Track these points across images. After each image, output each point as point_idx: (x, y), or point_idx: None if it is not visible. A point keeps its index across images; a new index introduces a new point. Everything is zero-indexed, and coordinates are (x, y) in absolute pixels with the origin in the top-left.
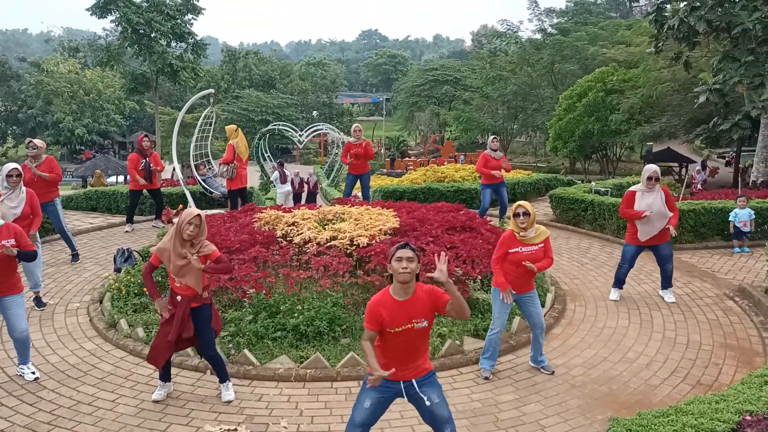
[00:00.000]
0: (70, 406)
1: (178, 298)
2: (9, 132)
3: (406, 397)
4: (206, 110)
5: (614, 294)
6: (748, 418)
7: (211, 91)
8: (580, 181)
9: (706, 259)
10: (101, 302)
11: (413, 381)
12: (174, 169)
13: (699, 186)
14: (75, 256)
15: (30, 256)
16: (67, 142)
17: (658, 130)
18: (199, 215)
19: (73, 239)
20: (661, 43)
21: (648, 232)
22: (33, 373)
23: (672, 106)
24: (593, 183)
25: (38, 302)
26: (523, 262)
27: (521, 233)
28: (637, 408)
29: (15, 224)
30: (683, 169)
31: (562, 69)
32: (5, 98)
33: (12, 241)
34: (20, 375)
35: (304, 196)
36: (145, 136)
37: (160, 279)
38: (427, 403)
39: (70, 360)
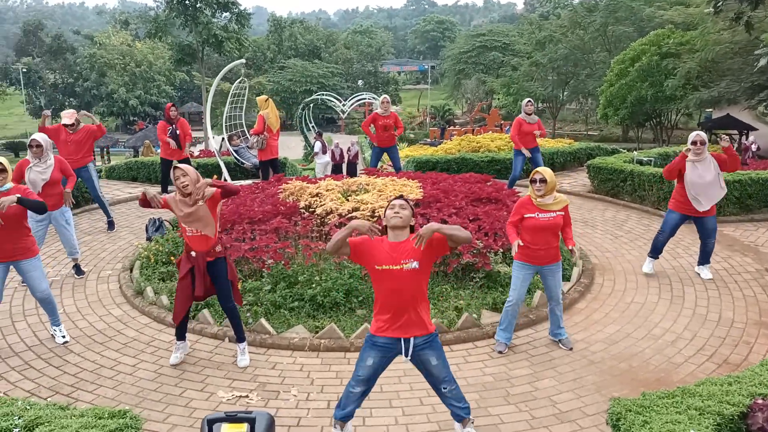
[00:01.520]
0: (93, 369)
1: (193, 253)
2: (66, 104)
3: (405, 356)
4: (236, 82)
5: (648, 266)
6: (760, 401)
7: (243, 61)
8: (625, 150)
9: (750, 232)
10: (131, 270)
11: (412, 340)
12: (223, 139)
13: (751, 155)
14: (111, 224)
15: (36, 206)
16: (121, 113)
17: (717, 95)
18: (177, 167)
19: (109, 207)
20: (720, 3)
21: (704, 204)
22: (63, 336)
23: (732, 70)
24: (635, 152)
25: (77, 270)
26: (569, 247)
27: (538, 199)
28: (657, 386)
29: (23, 186)
30: (743, 137)
31: (616, 31)
32: (62, 71)
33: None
34: (52, 336)
35: (344, 166)
36: (172, 105)
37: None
38: (434, 362)
39: (98, 325)
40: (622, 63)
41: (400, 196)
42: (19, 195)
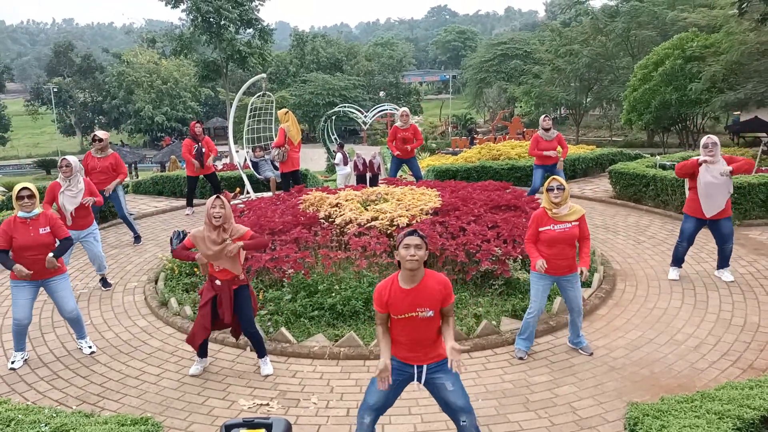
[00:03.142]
0: (118, 379)
1: (218, 282)
2: (96, 121)
3: (418, 380)
4: (255, 96)
5: (673, 273)
6: None
7: (263, 76)
8: (648, 155)
9: None
10: (156, 282)
11: (425, 367)
12: (247, 153)
13: None
14: (137, 239)
15: (65, 248)
16: (148, 130)
17: (743, 97)
18: (218, 197)
19: (135, 223)
20: (745, 4)
21: (713, 207)
22: (90, 347)
23: (759, 71)
24: (658, 157)
25: (104, 283)
26: (579, 267)
27: (554, 209)
28: (679, 392)
29: (52, 213)
30: None
31: (639, 36)
32: (91, 90)
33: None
34: (79, 348)
35: (368, 177)
36: (198, 122)
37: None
38: (450, 387)
39: (123, 336)
40: (646, 68)
41: (414, 232)
42: (55, 254)
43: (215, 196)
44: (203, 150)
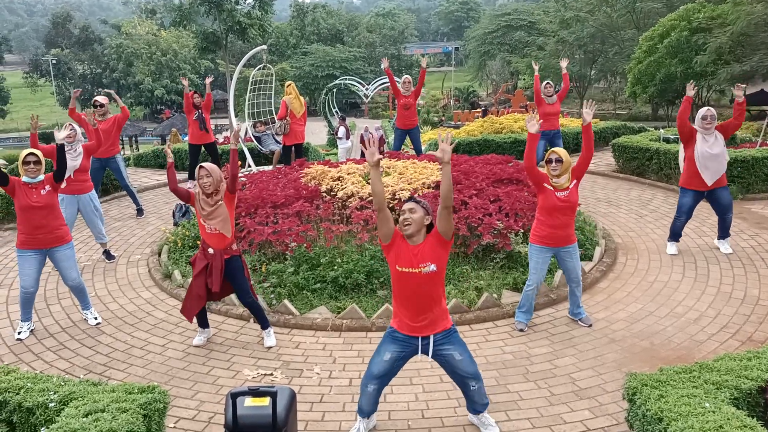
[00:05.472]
0: (124, 349)
1: (210, 250)
2: (95, 94)
3: (426, 354)
4: (257, 68)
5: (672, 248)
6: None
7: (264, 47)
8: (652, 129)
9: None
10: (159, 254)
11: (431, 337)
12: (248, 127)
13: None
14: (140, 211)
15: (62, 167)
16: (148, 103)
17: (749, 70)
18: (202, 166)
19: (137, 195)
20: None
21: (712, 175)
22: (95, 318)
23: (766, 43)
24: (662, 131)
25: (108, 255)
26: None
27: (553, 180)
28: (677, 363)
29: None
30: None
31: (645, 7)
32: (90, 62)
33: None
34: (85, 320)
35: None
36: (195, 92)
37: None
38: (459, 357)
39: (128, 308)
40: (651, 40)
41: (410, 198)
42: (63, 142)
43: (199, 166)
44: (203, 116)
